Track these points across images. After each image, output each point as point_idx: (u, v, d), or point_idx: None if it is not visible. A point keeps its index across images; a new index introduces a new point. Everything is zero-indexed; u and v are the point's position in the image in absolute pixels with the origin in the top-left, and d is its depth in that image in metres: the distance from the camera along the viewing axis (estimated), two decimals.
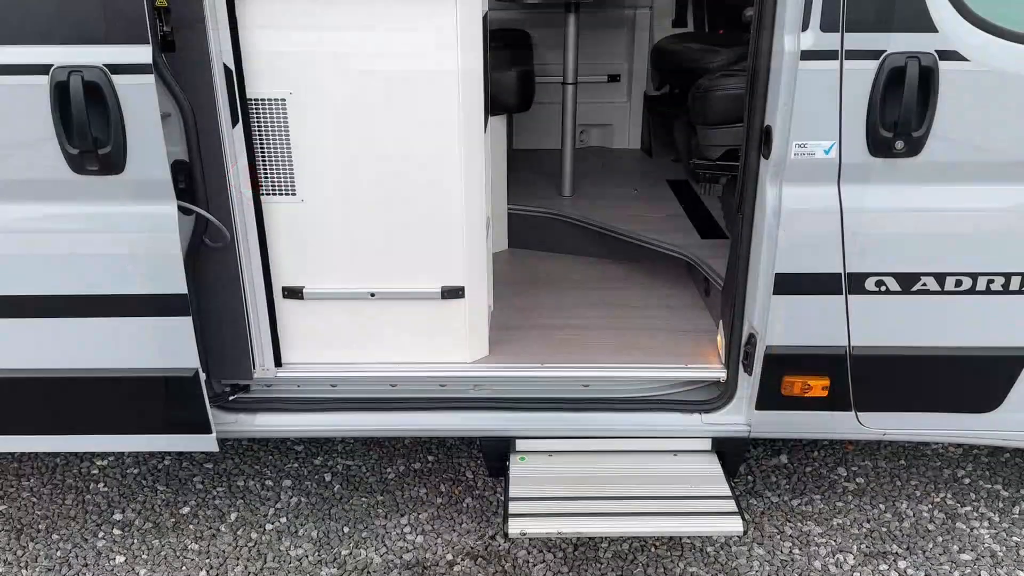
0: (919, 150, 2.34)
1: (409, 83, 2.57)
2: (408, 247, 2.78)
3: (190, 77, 2.40)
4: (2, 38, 2.20)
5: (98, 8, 2.18)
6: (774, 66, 2.36)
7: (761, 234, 2.53)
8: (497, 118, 3.74)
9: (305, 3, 2.47)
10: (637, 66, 5.24)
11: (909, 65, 2.24)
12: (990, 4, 2.27)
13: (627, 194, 4.34)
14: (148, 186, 2.35)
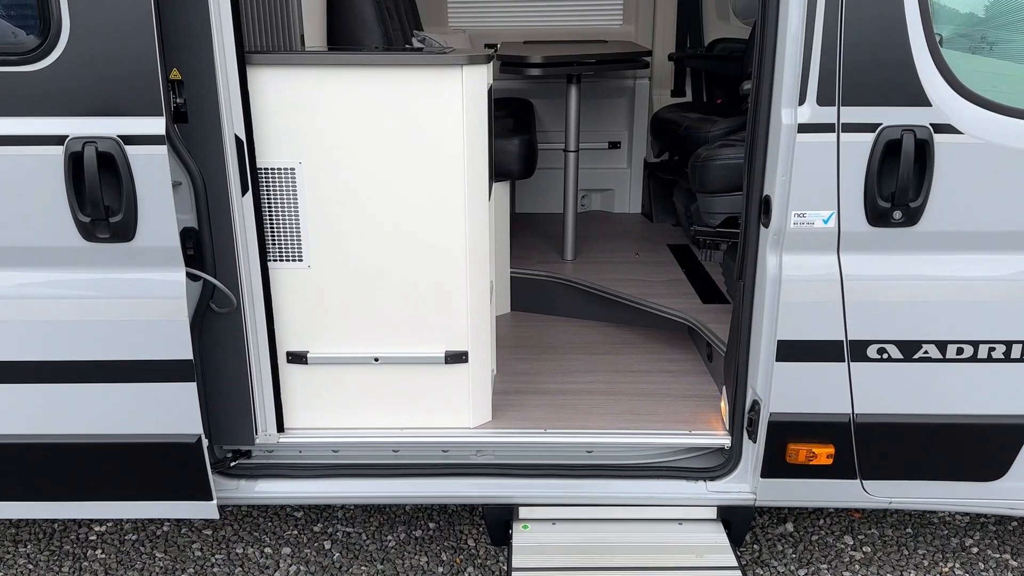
0: (917, 220, 2.38)
1: (415, 152, 2.63)
2: (412, 312, 2.81)
3: (202, 147, 2.45)
4: (20, 110, 2.26)
5: (114, 81, 2.25)
6: (772, 138, 2.42)
7: (762, 301, 2.55)
8: (500, 184, 3.81)
9: (315, 75, 2.55)
10: (637, 133, 5.35)
11: (905, 138, 2.29)
12: (982, 79, 2.34)
13: (629, 258, 4.38)
14: (157, 253, 2.38)
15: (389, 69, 2.57)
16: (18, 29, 2.26)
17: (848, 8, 2.24)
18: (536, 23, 5.38)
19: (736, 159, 3.40)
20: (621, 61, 4.17)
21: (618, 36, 5.37)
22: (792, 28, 2.29)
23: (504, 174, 3.83)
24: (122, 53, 2.22)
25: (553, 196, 5.23)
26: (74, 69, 2.23)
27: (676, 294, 3.80)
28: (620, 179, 5.41)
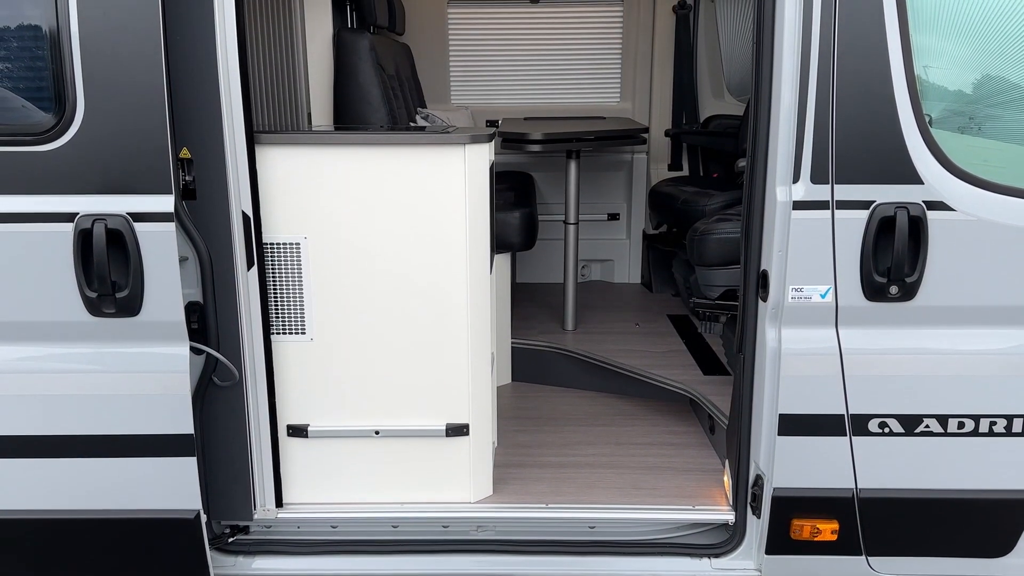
0: (913, 295, 2.40)
1: (418, 227, 2.68)
2: (413, 384, 2.81)
3: (209, 223, 2.50)
4: (32, 188, 2.31)
5: (125, 160, 2.31)
6: (768, 214, 2.46)
7: (763, 375, 2.56)
8: (501, 255, 3.85)
9: (322, 153, 2.62)
10: (636, 205, 5.43)
11: (898, 215, 2.34)
12: (972, 157, 2.40)
13: (629, 328, 4.40)
14: (162, 328, 2.40)
15: (393, 148, 2.64)
16: (34, 110, 2.33)
17: (839, 88, 2.31)
18: (536, 100, 5.53)
19: (733, 233, 3.46)
20: (619, 138, 4.28)
21: (616, 113, 5.51)
22: (785, 106, 2.36)
23: (505, 246, 3.89)
24: (134, 133, 2.29)
25: (554, 266, 5.29)
26: (87, 149, 2.29)
27: (677, 365, 3.81)
28: (620, 250, 5.48)
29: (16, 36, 2.31)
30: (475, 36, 5.48)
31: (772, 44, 2.37)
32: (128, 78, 2.26)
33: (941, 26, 2.37)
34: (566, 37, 5.44)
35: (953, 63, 2.41)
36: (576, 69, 5.49)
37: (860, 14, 2.28)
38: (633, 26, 5.40)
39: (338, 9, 4.15)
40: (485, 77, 5.54)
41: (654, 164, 5.46)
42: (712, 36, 5.35)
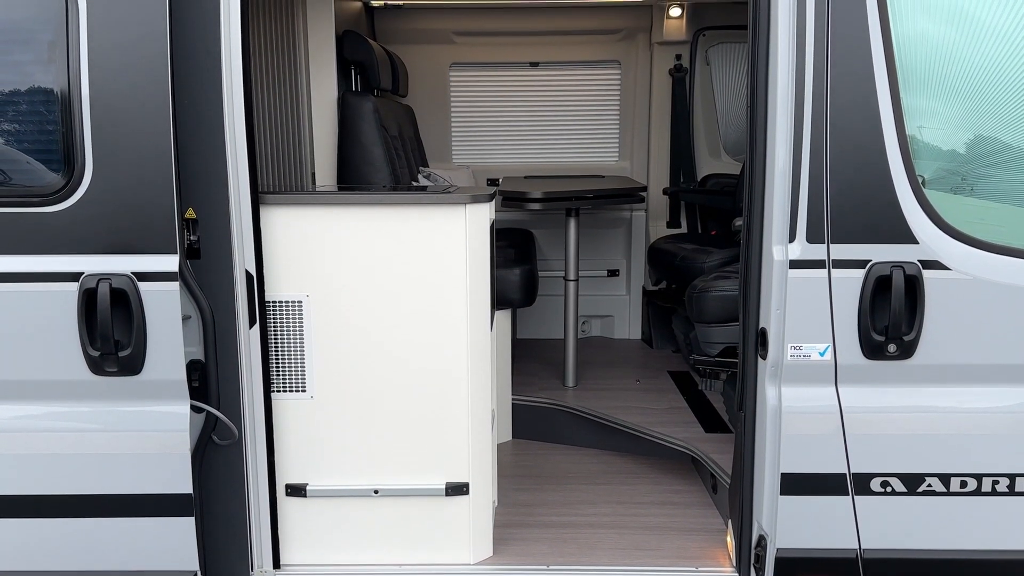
0: (912, 353, 2.41)
1: (420, 285, 2.71)
2: (413, 442, 2.80)
3: (212, 282, 2.52)
4: (38, 248, 2.34)
5: (131, 220, 2.34)
6: (765, 273, 2.49)
7: (764, 434, 2.55)
8: (502, 311, 3.87)
9: (325, 213, 2.66)
10: (635, 262, 5.48)
11: (895, 274, 2.36)
12: (966, 217, 2.44)
13: (630, 385, 4.39)
14: (163, 387, 2.41)
15: (396, 207, 2.69)
16: (43, 171, 2.38)
17: (833, 149, 2.36)
18: (536, 159, 5.62)
19: (732, 291, 3.48)
20: (618, 196, 4.34)
21: (615, 171, 5.59)
22: (779, 167, 2.40)
23: (506, 302, 3.91)
24: (141, 194, 2.33)
25: (554, 322, 5.30)
26: (94, 209, 2.33)
27: (678, 422, 3.80)
28: (619, 306, 5.50)
29: (27, 98, 2.37)
30: (476, 97, 5.59)
31: (766, 106, 2.43)
32: (136, 140, 2.31)
33: (931, 88, 2.43)
34: (565, 98, 5.56)
35: (944, 125, 2.47)
36: (575, 129, 5.60)
37: (852, 76, 2.34)
38: (630, 88, 5.52)
39: (343, 73, 4.25)
40: (486, 137, 5.64)
41: (653, 221, 5.52)
42: (708, 97, 5.47)
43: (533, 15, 5.39)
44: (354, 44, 4.23)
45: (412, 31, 5.42)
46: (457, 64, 5.54)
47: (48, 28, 2.32)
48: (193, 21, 2.37)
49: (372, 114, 4.00)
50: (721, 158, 5.48)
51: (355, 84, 4.48)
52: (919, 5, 2.38)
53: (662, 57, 5.43)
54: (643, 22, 5.44)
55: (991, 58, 2.42)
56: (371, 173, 3.96)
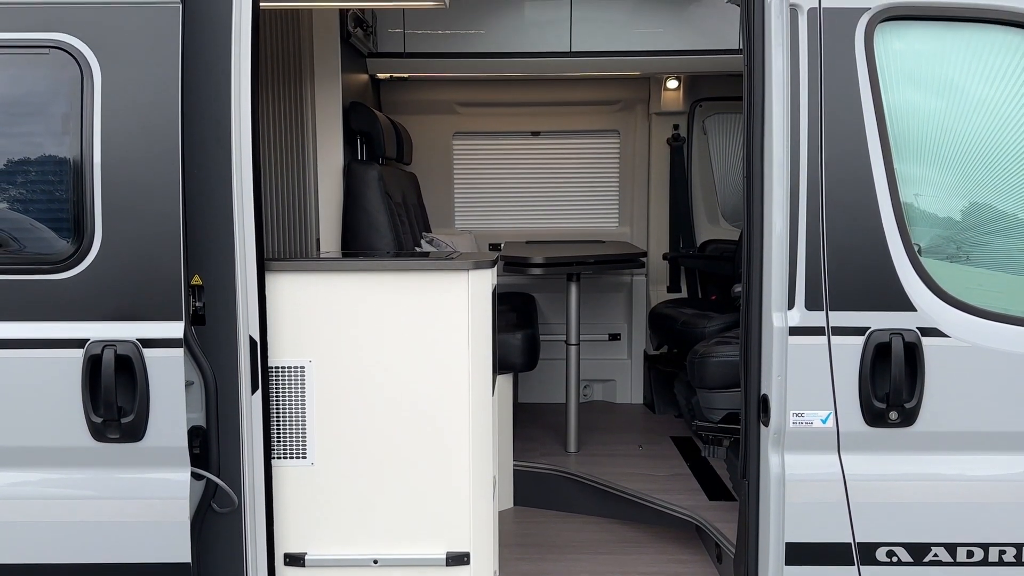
0: (914, 420, 2.41)
1: (421, 351, 2.72)
2: (414, 510, 2.77)
3: (216, 348, 2.53)
4: (45, 315, 2.36)
5: (138, 287, 2.37)
6: (765, 340, 2.50)
7: (768, 502, 2.53)
8: (503, 376, 3.88)
9: (330, 279, 2.69)
10: (636, 326, 5.50)
11: (894, 341, 2.38)
12: (963, 284, 2.46)
13: (632, 450, 4.36)
14: (164, 453, 2.40)
15: (399, 274, 2.72)
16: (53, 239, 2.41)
17: (828, 217, 2.40)
18: (537, 224, 5.70)
19: (733, 356, 3.49)
20: (618, 262, 4.38)
21: (615, 236, 5.66)
22: (777, 234, 2.44)
23: (507, 367, 3.92)
24: (148, 261, 2.36)
25: (555, 386, 5.29)
26: (101, 277, 2.36)
27: (681, 490, 3.76)
28: (621, 370, 5.50)
29: (39, 167, 2.42)
30: (478, 165, 5.70)
31: (762, 175, 2.47)
32: (146, 208, 2.35)
33: (924, 158, 2.49)
34: (566, 166, 5.67)
35: (938, 193, 2.51)
36: (576, 195, 5.69)
37: (845, 147, 2.39)
38: (630, 156, 5.63)
39: (349, 143, 4.35)
40: (488, 202, 5.73)
41: (653, 286, 5.56)
42: (706, 165, 5.57)
43: (534, 87, 5.54)
44: (360, 115, 4.34)
45: (417, 102, 5.56)
46: (460, 133, 5.66)
47: (63, 99, 2.38)
48: (205, 92, 2.45)
49: (377, 182, 4.08)
50: (720, 224, 5.55)
51: (361, 153, 4.58)
52: (909, 77, 2.46)
53: (660, 127, 5.55)
54: (641, 93, 5.58)
55: (981, 128, 2.48)
56: (375, 239, 4.01)
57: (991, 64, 2.45)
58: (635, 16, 4.91)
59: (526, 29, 4.96)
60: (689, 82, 5.49)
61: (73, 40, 2.34)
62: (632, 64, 5.04)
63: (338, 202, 4.15)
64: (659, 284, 5.58)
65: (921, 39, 2.46)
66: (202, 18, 2.42)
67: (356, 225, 4.06)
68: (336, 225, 4.12)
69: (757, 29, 2.45)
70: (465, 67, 5.09)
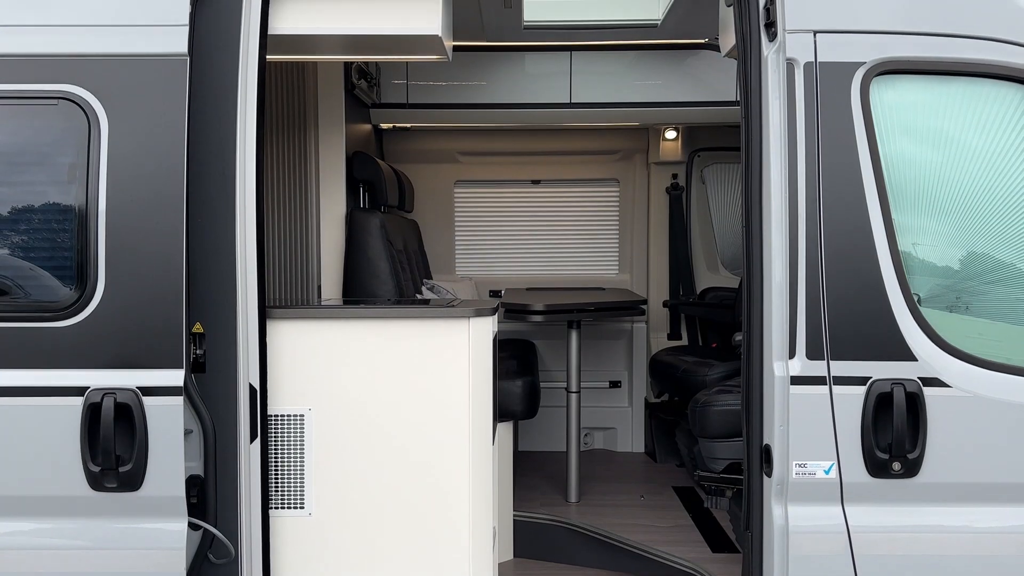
0: (917, 471, 2.39)
1: (421, 399, 2.71)
2: (412, 561, 2.74)
3: (215, 396, 2.53)
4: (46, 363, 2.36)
5: (139, 335, 2.37)
6: (767, 389, 2.49)
7: (772, 554, 2.49)
8: (504, 424, 3.85)
9: (331, 327, 2.70)
10: (637, 373, 5.48)
11: (895, 392, 2.37)
12: (964, 334, 2.46)
13: (634, 500, 4.31)
14: (162, 503, 2.37)
15: (400, 321, 2.73)
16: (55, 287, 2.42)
17: (828, 266, 2.40)
18: (538, 271, 5.72)
19: (734, 405, 3.47)
20: (619, 309, 4.39)
21: (615, 283, 5.68)
22: (776, 283, 2.44)
23: (507, 414, 3.90)
24: (150, 308, 2.37)
25: (556, 434, 5.25)
26: (103, 324, 2.37)
27: (684, 541, 3.71)
28: (622, 418, 5.47)
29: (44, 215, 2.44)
30: (479, 212, 5.75)
31: (761, 225, 2.49)
32: (149, 256, 2.37)
33: (921, 208, 2.51)
34: (566, 214, 5.72)
35: (936, 244, 2.53)
36: (576, 243, 5.72)
37: (843, 196, 2.41)
38: (629, 204, 5.69)
39: (351, 191, 4.39)
40: (489, 249, 5.77)
41: (653, 333, 5.56)
42: (705, 214, 5.62)
43: (534, 136, 5.62)
44: (363, 164, 4.39)
45: (419, 151, 5.64)
46: (461, 182, 5.72)
47: (70, 148, 2.41)
48: (211, 143, 2.48)
49: (379, 230, 4.11)
50: (719, 272, 5.57)
51: (363, 201, 4.62)
52: (905, 129, 2.49)
53: (659, 176, 5.61)
54: (640, 143, 5.66)
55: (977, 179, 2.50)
56: (376, 286, 4.03)
57: (986, 116, 2.49)
58: (634, 68, 5.00)
59: (527, 80, 5.05)
60: (687, 132, 5.56)
61: (81, 91, 2.38)
62: (631, 115, 5.12)
63: (340, 249, 4.17)
64: (659, 331, 5.58)
65: (916, 92, 2.50)
66: (209, 70, 2.47)
67: (358, 272, 4.08)
68: (338, 272, 4.14)
69: (754, 82, 2.49)
70: (467, 117, 5.17)
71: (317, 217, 3.91)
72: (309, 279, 3.79)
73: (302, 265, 3.79)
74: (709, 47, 4.89)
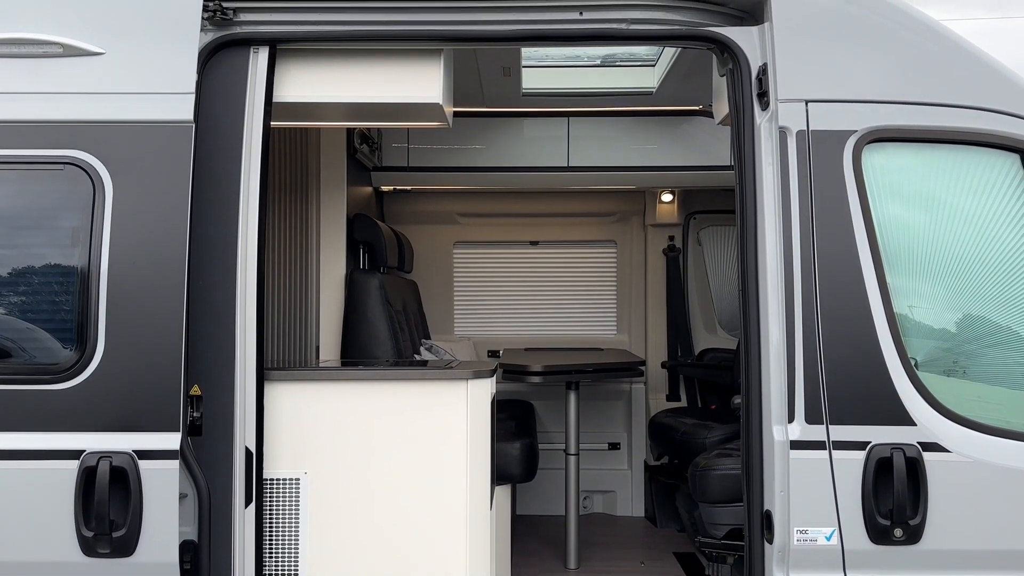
0: (919, 538, 2.36)
1: (419, 461, 2.69)
2: None
3: (211, 459, 2.50)
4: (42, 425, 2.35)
5: (137, 398, 2.36)
6: (767, 454, 2.48)
7: None
8: (502, 487, 3.81)
9: (329, 389, 2.70)
10: (636, 435, 5.44)
11: (895, 457, 2.35)
12: (962, 397, 2.46)
13: (634, 567, 4.24)
14: (154, 570, 2.33)
15: (398, 383, 2.73)
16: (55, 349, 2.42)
17: (824, 328, 2.41)
18: (536, 331, 5.73)
19: (735, 469, 3.44)
20: (617, 370, 4.38)
21: (613, 344, 5.68)
22: (774, 345, 2.45)
23: (505, 477, 3.85)
24: (149, 372, 2.36)
25: (555, 497, 5.18)
26: (101, 387, 2.36)
27: None
28: (621, 481, 5.40)
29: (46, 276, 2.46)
30: (478, 273, 5.79)
31: (757, 288, 2.51)
32: (149, 319, 2.37)
33: (916, 271, 2.52)
34: (564, 274, 5.75)
35: (932, 307, 2.54)
36: (574, 303, 5.75)
37: (837, 260, 2.43)
38: (627, 265, 5.73)
39: (352, 252, 4.43)
40: (487, 309, 5.78)
41: (652, 394, 5.54)
42: (702, 275, 5.65)
43: (533, 199, 5.69)
44: (364, 226, 4.44)
45: (419, 212, 5.70)
46: (461, 242, 5.77)
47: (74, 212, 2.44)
48: (214, 207, 2.50)
49: (378, 291, 4.14)
50: (717, 333, 5.58)
51: (363, 262, 4.66)
52: (897, 194, 2.53)
53: (656, 238, 5.67)
54: (637, 206, 5.73)
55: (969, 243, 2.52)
56: (375, 346, 4.03)
57: (977, 182, 2.53)
58: (630, 133, 5.10)
59: (525, 145, 5.14)
60: (683, 196, 5.64)
61: (87, 156, 2.42)
62: (627, 179, 5.20)
63: (339, 310, 4.19)
64: (658, 392, 5.56)
65: (908, 158, 2.55)
66: (214, 136, 2.51)
67: (356, 333, 4.09)
68: (336, 333, 4.15)
69: (748, 149, 2.54)
70: (466, 180, 5.25)
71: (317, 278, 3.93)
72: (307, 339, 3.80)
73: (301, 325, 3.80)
74: (703, 114, 5.00)
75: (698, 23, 2.62)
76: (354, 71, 2.74)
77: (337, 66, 2.73)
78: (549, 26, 2.61)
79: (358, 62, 2.73)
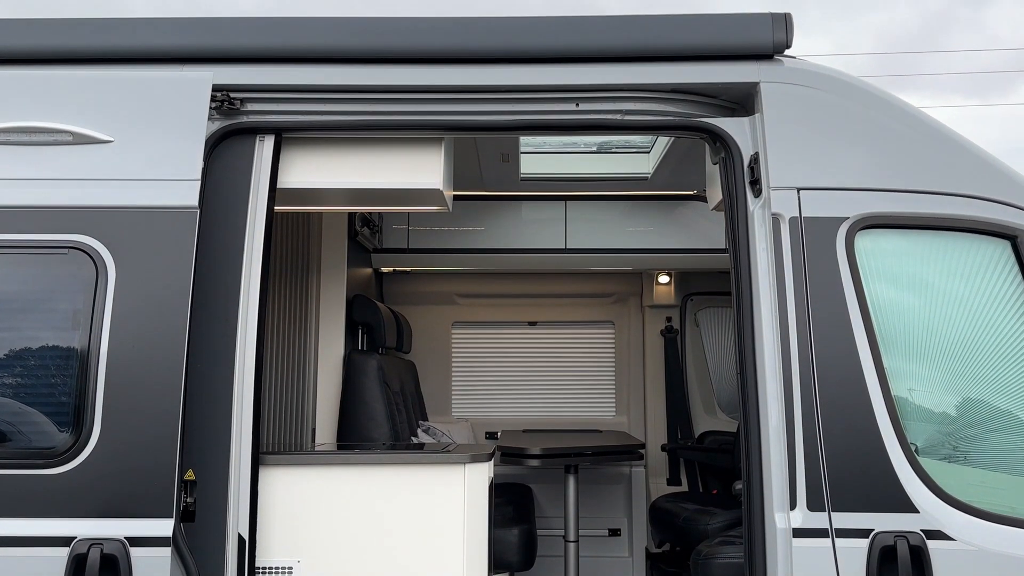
0: None
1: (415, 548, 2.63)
2: None
3: (203, 545, 2.45)
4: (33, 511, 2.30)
5: (130, 483, 2.32)
6: (769, 542, 2.43)
7: None
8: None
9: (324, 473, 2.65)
10: (636, 521, 5.33)
11: (899, 545, 2.31)
12: (964, 484, 2.43)
13: None
14: None
15: (394, 467, 2.69)
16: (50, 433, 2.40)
17: (823, 414, 2.40)
18: (534, 413, 5.69)
19: (737, 558, 3.37)
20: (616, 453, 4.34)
21: (612, 426, 5.63)
22: (773, 429, 2.43)
23: (503, 566, 3.77)
24: (143, 457, 2.34)
25: None
26: (95, 473, 2.33)
27: None
28: (623, 569, 5.27)
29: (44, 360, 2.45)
30: (476, 353, 5.79)
31: (755, 373, 2.51)
32: (146, 402, 2.36)
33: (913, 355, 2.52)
34: (562, 355, 5.75)
35: (931, 392, 2.53)
36: (572, 385, 5.73)
37: (833, 344, 2.43)
38: (624, 346, 5.73)
39: (350, 333, 4.44)
40: (485, 391, 5.76)
41: (653, 478, 5.46)
42: (700, 357, 5.65)
43: (531, 280, 5.74)
44: (363, 307, 4.46)
45: (418, 293, 5.74)
46: (459, 323, 5.79)
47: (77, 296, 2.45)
48: (215, 291, 2.52)
49: (376, 372, 4.13)
50: (717, 415, 5.55)
51: (361, 343, 4.66)
52: (892, 279, 2.55)
53: (653, 319, 5.69)
54: (634, 287, 5.77)
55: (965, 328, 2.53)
56: (372, 428, 4.00)
57: (969, 267, 2.55)
58: (626, 216, 5.18)
59: (523, 227, 5.22)
60: (680, 277, 5.69)
61: (92, 241, 2.45)
62: (625, 260, 5.26)
63: (336, 391, 4.17)
64: (659, 476, 5.48)
65: (901, 243, 2.58)
66: (218, 221, 2.55)
67: (353, 415, 4.06)
68: (333, 414, 4.12)
69: (742, 235, 2.58)
70: (465, 261, 5.30)
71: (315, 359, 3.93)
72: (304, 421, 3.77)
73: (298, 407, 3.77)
74: (698, 199, 5.10)
75: (691, 114, 2.70)
76: (357, 158, 2.81)
77: (341, 153, 2.80)
78: (546, 116, 2.69)
79: (361, 149, 2.80)
